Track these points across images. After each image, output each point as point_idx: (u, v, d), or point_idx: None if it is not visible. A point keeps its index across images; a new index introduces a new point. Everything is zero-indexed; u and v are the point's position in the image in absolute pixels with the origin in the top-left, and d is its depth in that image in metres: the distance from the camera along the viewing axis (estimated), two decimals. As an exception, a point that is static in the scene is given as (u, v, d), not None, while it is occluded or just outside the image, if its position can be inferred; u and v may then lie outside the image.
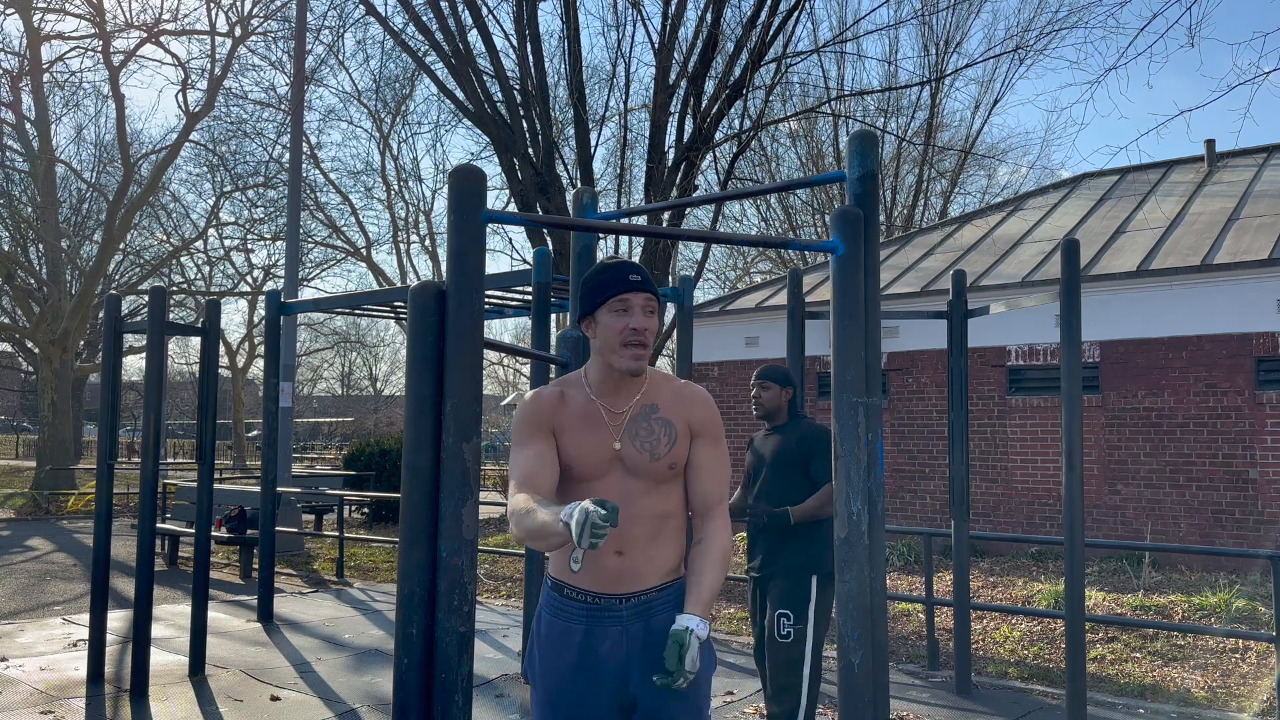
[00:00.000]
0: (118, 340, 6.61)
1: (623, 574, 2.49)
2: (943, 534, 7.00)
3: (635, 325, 2.46)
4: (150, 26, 22.70)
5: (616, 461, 2.50)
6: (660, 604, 2.51)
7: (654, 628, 2.48)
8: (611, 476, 2.50)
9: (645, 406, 2.53)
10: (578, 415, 2.54)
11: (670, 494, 2.54)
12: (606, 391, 2.55)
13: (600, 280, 2.52)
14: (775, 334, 13.52)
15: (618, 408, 2.53)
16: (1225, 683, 6.37)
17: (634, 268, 2.53)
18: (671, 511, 2.54)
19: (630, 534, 2.48)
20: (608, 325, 2.48)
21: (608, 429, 2.51)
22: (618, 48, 31.43)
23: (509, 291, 7.74)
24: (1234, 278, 10.67)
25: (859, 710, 2.89)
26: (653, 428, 2.51)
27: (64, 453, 22.53)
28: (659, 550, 2.52)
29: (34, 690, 6.05)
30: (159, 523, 12.01)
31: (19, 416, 53.43)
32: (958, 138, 27.73)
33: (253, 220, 29.46)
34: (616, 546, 2.48)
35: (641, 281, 2.50)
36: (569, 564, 2.23)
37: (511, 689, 6.20)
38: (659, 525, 2.52)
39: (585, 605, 2.51)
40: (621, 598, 2.49)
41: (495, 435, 40.48)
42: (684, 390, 2.59)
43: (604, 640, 2.49)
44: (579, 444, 2.51)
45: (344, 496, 12.14)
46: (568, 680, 2.50)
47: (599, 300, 2.50)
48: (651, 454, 2.49)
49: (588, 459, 2.50)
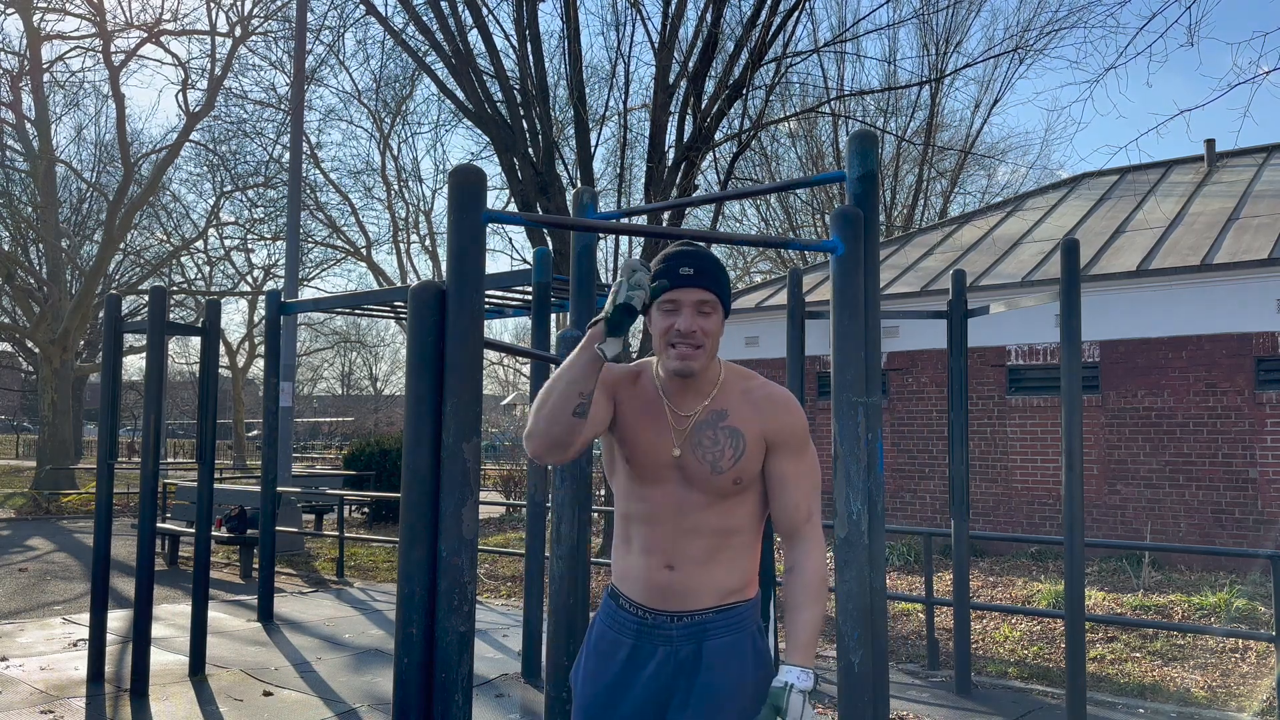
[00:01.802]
0: (118, 340, 6.61)
1: (673, 590, 2.26)
2: (943, 534, 7.01)
3: (681, 327, 2.20)
4: (150, 26, 22.72)
5: (674, 469, 2.26)
6: (717, 627, 2.27)
7: (706, 654, 2.25)
8: (668, 484, 2.27)
9: (713, 412, 2.27)
10: (644, 402, 2.31)
11: (736, 510, 2.28)
12: (672, 390, 2.30)
13: (654, 274, 2.25)
14: (775, 334, 13.53)
15: (684, 410, 2.28)
16: (1225, 682, 6.37)
17: (690, 258, 2.24)
18: (737, 528, 2.28)
19: (683, 548, 2.26)
20: (656, 325, 2.25)
21: (669, 431, 2.27)
22: (618, 47, 31.44)
23: (509, 291, 7.75)
24: (1234, 277, 10.67)
25: (859, 710, 2.89)
26: (717, 437, 2.25)
27: (64, 452, 22.54)
28: (718, 569, 2.27)
29: (34, 690, 6.05)
30: (159, 522, 12.01)
31: (19, 416, 53.43)
32: (957, 138, 27.75)
33: (253, 220, 29.47)
34: (667, 560, 2.26)
35: (693, 276, 2.21)
36: (596, 349, 2.07)
37: (511, 689, 6.20)
38: (719, 542, 2.27)
39: (637, 619, 2.30)
40: (673, 615, 2.26)
41: (495, 435, 40.48)
42: (760, 394, 2.31)
43: (650, 659, 2.28)
44: (637, 436, 2.28)
45: (344, 496, 12.14)
46: (604, 695, 2.31)
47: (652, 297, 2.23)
48: (713, 466, 2.24)
49: (644, 457, 2.28)
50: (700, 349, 2.22)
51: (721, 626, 2.27)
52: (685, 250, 2.27)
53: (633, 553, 2.32)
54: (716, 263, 2.27)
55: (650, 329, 2.29)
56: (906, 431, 12.80)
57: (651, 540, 2.28)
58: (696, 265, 2.23)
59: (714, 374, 2.30)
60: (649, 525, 2.29)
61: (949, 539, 7.71)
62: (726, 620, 2.27)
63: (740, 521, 2.28)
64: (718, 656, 2.25)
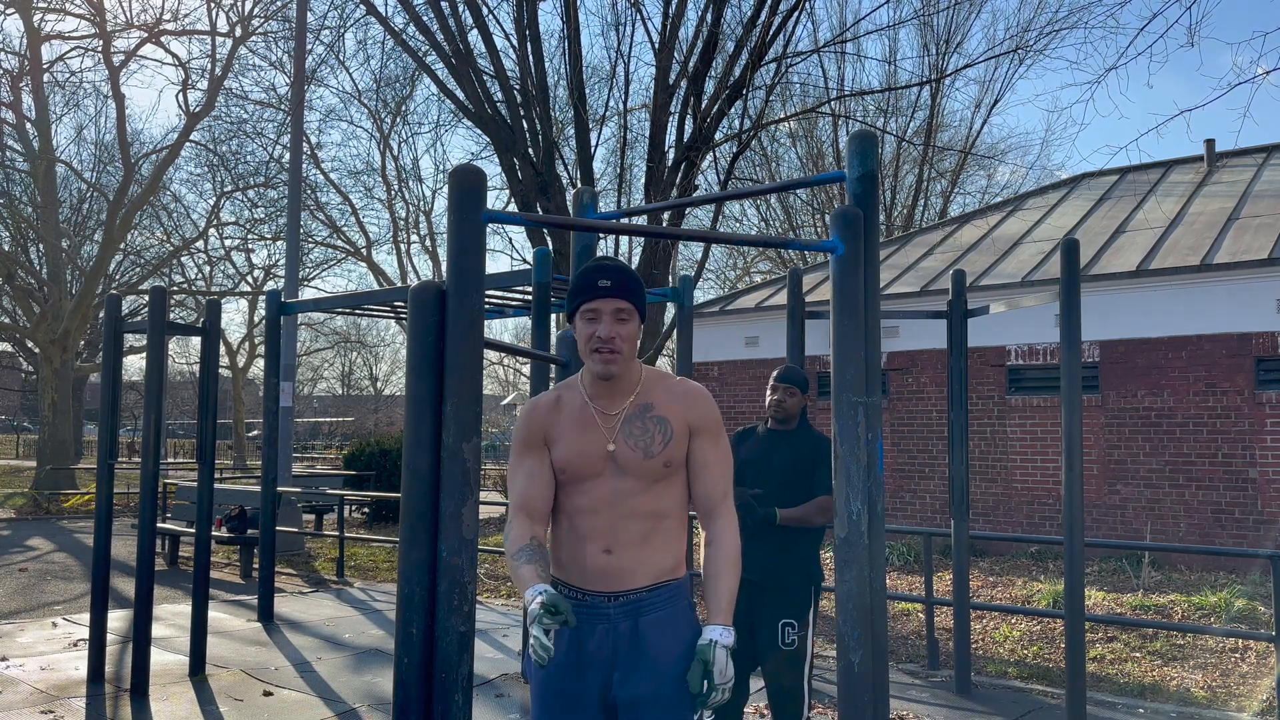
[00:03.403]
0: (118, 340, 6.61)
1: (611, 572, 2.46)
2: (942, 534, 7.01)
3: (601, 334, 2.43)
4: (150, 26, 22.70)
5: (610, 462, 2.48)
6: (651, 603, 2.48)
7: (642, 628, 2.46)
8: (604, 477, 2.48)
9: (640, 406, 2.51)
10: (572, 419, 2.53)
11: (666, 493, 2.51)
12: (599, 394, 2.53)
13: (574, 286, 2.50)
14: (775, 334, 13.52)
15: (611, 409, 2.51)
16: (1225, 682, 6.38)
17: (608, 271, 2.46)
18: (667, 511, 2.51)
19: (621, 533, 2.46)
20: (579, 332, 2.48)
21: (601, 431, 2.49)
22: (618, 48, 31.45)
23: (509, 291, 7.74)
24: (1233, 277, 10.67)
25: (859, 710, 2.89)
26: (647, 426, 2.49)
27: (64, 452, 22.52)
28: (652, 551, 2.49)
29: (34, 690, 6.05)
30: (159, 522, 12.01)
31: (19, 416, 53.43)
32: (958, 138, 27.75)
33: (253, 220, 29.44)
34: (605, 545, 2.46)
35: (610, 288, 2.43)
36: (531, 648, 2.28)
37: (511, 689, 6.21)
38: (652, 525, 2.49)
39: (576, 603, 2.48)
40: (610, 596, 2.47)
41: (495, 435, 40.48)
42: (680, 388, 2.56)
43: (590, 637, 2.46)
44: (572, 447, 2.50)
45: (344, 496, 12.14)
46: (556, 677, 2.49)
47: (573, 307, 2.49)
48: (645, 451, 2.47)
49: (581, 461, 2.49)
50: (618, 353, 2.45)
51: (655, 603, 2.48)
52: (604, 264, 2.48)
53: (573, 543, 2.52)
54: (632, 274, 2.49)
55: (575, 336, 2.52)
56: (906, 431, 12.80)
57: (590, 528, 2.49)
58: (613, 278, 2.45)
59: (635, 375, 2.54)
60: (588, 515, 2.49)
61: (949, 539, 7.71)
62: (659, 597, 2.49)
63: (669, 505, 2.51)
64: (654, 629, 2.46)
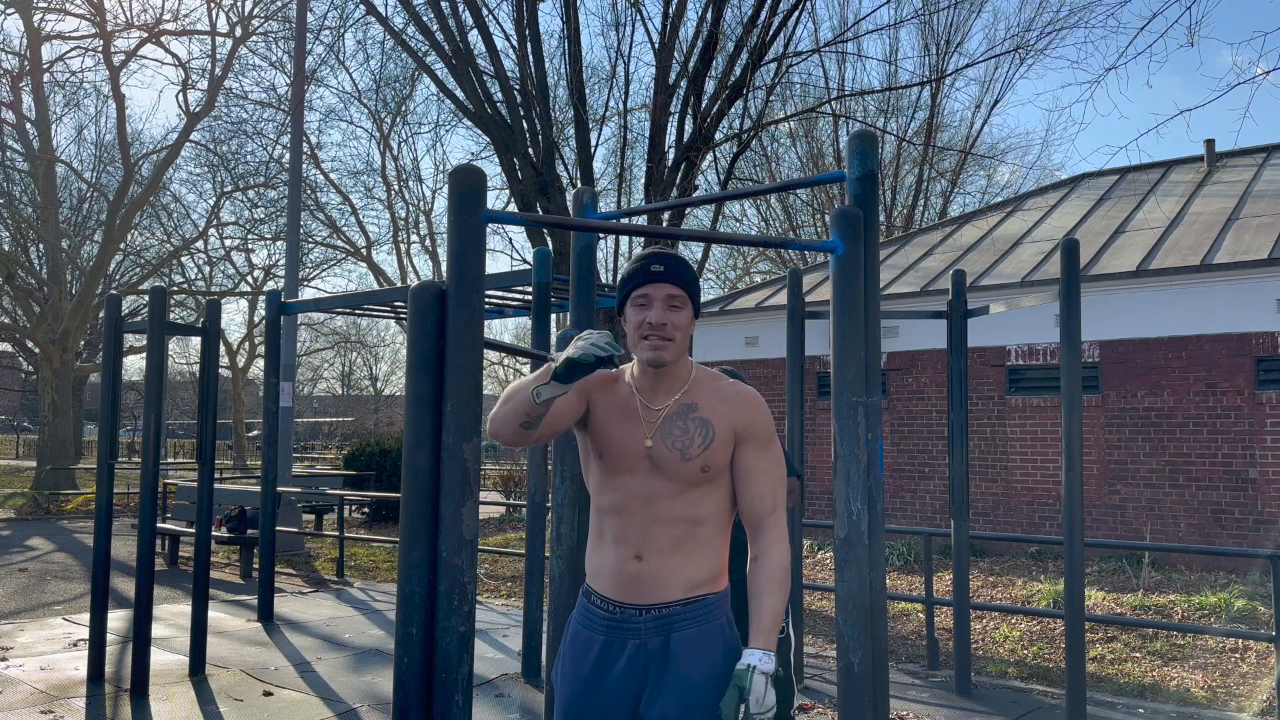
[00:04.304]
0: (118, 340, 6.61)
1: (641, 581, 2.33)
2: (942, 534, 7.01)
3: (652, 319, 2.33)
4: (151, 26, 22.71)
5: (645, 459, 2.36)
6: (684, 619, 2.33)
7: (674, 645, 2.31)
8: (638, 474, 2.37)
9: (684, 405, 2.39)
10: (618, 402, 2.43)
11: (703, 500, 2.36)
12: (645, 387, 2.42)
13: (625, 274, 2.40)
14: (775, 334, 13.52)
15: (655, 404, 2.40)
16: (1225, 682, 6.38)
17: (661, 257, 2.37)
18: (703, 519, 2.36)
19: (651, 538, 2.34)
20: (630, 320, 2.38)
21: (641, 424, 2.38)
22: (618, 48, 31.46)
23: (509, 291, 7.75)
24: (1234, 278, 10.67)
25: (859, 710, 2.89)
26: (687, 426, 2.36)
27: (64, 452, 22.53)
28: (685, 560, 2.34)
29: (34, 690, 6.05)
30: (159, 523, 12.01)
31: (19, 416, 53.40)
32: (958, 138, 27.73)
33: (253, 220, 29.46)
34: (636, 550, 2.34)
35: (663, 273, 2.34)
36: (532, 395, 2.20)
37: (511, 689, 6.21)
38: (686, 532, 2.35)
39: (607, 615, 2.38)
40: (641, 609, 2.34)
41: (495, 435, 40.38)
42: (729, 390, 2.43)
43: (621, 654, 2.35)
44: (611, 432, 2.40)
45: (344, 496, 12.14)
46: (581, 693, 2.38)
47: (624, 294, 2.38)
48: (682, 453, 2.34)
49: (617, 450, 2.39)
50: (670, 341, 2.34)
51: (689, 618, 2.33)
52: (656, 251, 2.40)
53: (604, 545, 2.41)
54: (686, 264, 2.40)
55: (625, 326, 2.42)
56: (906, 431, 12.80)
57: (621, 530, 2.38)
58: (667, 263, 2.36)
59: (685, 371, 2.43)
60: (619, 516, 2.38)
61: (949, 539, 7.71)
62: (693, 612, 2.34)
63: (706, 512, 2.37)
64: (686, 647, 2.31)
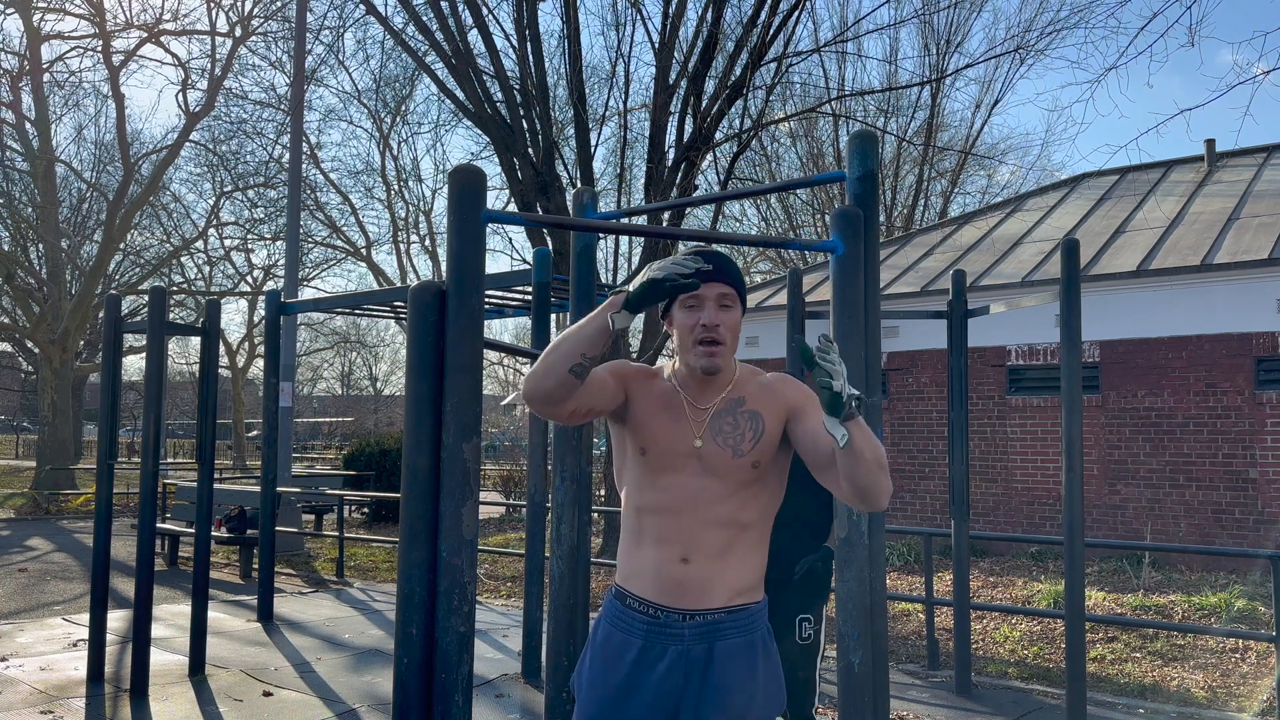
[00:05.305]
0: (118, 340, 6.61)
1: (687, 585, 2.24)
2: (943, 534, 7.00)
3: (706, 321, 2.25)
4: (150, 26, 22.71)
5: (695, 459, 2.28)
6: (729, 629, 2.25)
7: (717, 655, 2.24)
8: (686, 474, 2.28)
9: (731, 401, 2.32)
10: (660, 396, 2.34)
11: (752, 501, 2.29)
12: (691, 385, 2.35)
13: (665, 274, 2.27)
14: (775, 334, 13.53)
15: (702, 403, 2.32)
16: (1225, 682, 6.37)
17: (708, 255, 2.28)
18: (750, 522, 2.29)
19: (700, 540, 2.25)
20: (680, 322, 2.30)
21: (689, 423, 2.30)
22: (618, 48, 31.48)
23: (509, 291, 7.74)
24: (1234, 277, 10.67)
25: (859, 710, 2.89)
26: (738, 421, 2.29)
27: (64, 453, 22.52)
28: (732, 565, 2.27)
29: (34, 690, 6.05)
30: (159, 523, 12.01)
31: (19, 416, 53.39)
32: (958, 138, 27.72)
33: (253, 220, 29.45)
34: (682, 552, 2.25)
35: (713, 271, 2.26)
36: (608, 322, 2.15)
37: (511, 689, 6.20)
38: (734, 536, 2.27)
39: (647, 618, 2.27)
40: (685, 614, 2.25)
41: (495, 435, 40.46)
42: (768, 377, 2.39)
43: (660, 660, 2.25)
44: (656, 427, 2.30)
45: (344, 496, 12.14)
46: (611, 701, 2.27)
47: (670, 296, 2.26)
48: (735, 449, 2.27)
49: (664, 446, 2.29)
50: (722, 344, 2.28)
51: (733, 628, 2.26)
52: (703, 250, 2.32)
53: (645, 546, 2.30)
54: (733, 262, 2.35)
55: (672, 329, 2.35)
56: (906, 431, 12.80)
57: (666, 531, 2.27)
58: (715, 262, 2.28)
59: (731, 370, 2.37)
60: (665, 516, 2.28)
61: (949, 539, 7.71)
62: (737, 621, 2.27)
63: (753, 517, 2.30)
64: (730, 659, 2.24)
